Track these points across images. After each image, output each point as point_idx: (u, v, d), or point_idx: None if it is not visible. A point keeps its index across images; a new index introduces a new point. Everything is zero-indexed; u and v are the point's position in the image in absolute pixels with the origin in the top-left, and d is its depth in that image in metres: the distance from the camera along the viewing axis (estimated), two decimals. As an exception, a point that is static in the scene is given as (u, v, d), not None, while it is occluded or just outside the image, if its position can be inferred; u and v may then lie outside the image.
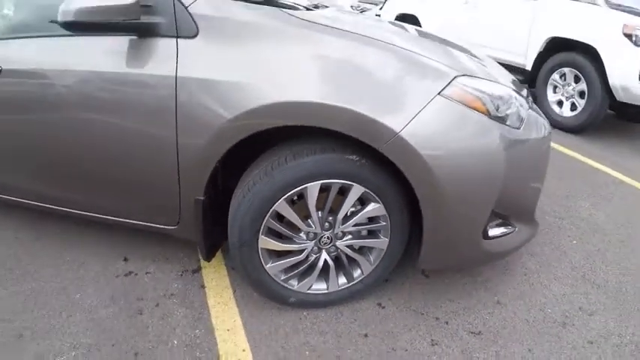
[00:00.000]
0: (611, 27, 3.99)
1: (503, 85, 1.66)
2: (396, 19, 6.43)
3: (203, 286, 1.88)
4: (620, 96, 4.06)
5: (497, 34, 5.06)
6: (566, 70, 4.45)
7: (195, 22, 1.50)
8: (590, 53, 4.18)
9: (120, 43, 1.54)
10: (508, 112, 1.58)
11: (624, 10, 4.13)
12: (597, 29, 4.11)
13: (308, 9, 1.95)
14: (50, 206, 1.92)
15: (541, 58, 4.65)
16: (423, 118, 1.42)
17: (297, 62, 1.46)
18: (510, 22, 4.87)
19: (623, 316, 1.94)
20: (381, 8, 7.43)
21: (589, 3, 4.30)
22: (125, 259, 2.03)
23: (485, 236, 1.66)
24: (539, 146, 1.71)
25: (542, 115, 1.94)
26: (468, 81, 1.53)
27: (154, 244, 2.14)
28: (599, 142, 4.38)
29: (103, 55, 1.56)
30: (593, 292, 2.07)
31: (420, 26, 5.99)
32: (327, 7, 2.29)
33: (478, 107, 1.51)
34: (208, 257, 1.75)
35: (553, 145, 3.96)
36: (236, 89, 1.44)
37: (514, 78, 2.14)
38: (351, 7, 9.05)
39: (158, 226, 1.78)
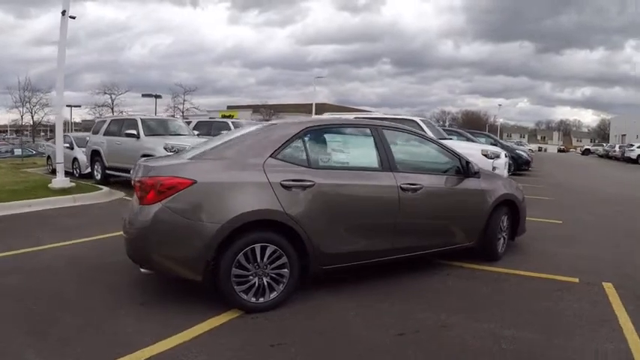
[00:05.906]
0: (476, 151, 8.67)
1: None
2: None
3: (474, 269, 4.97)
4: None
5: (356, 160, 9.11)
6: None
7: (479, 174, 4.78)
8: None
9: (457, 178, 4.65)
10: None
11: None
12: (470, 154, 8.66)
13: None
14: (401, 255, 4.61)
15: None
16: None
17: (503, 184, 5.13)
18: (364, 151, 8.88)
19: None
20: None
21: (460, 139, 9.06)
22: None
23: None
24: None
25: None
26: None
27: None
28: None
29: (457, 182, 4.63)
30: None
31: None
32: None
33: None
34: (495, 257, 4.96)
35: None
36: (489, 193, 4.92)
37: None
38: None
39: (463, 244, 4.74)
